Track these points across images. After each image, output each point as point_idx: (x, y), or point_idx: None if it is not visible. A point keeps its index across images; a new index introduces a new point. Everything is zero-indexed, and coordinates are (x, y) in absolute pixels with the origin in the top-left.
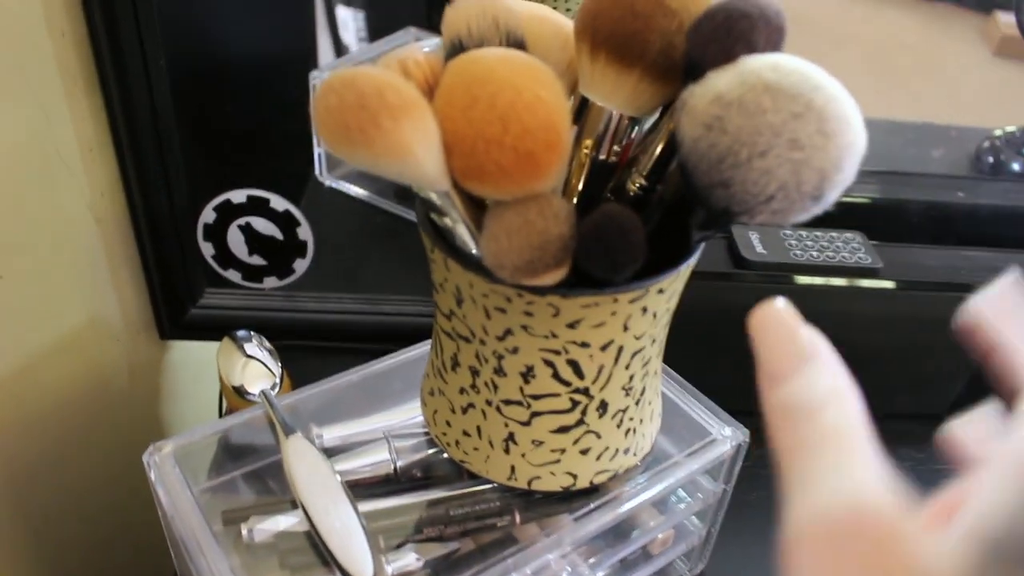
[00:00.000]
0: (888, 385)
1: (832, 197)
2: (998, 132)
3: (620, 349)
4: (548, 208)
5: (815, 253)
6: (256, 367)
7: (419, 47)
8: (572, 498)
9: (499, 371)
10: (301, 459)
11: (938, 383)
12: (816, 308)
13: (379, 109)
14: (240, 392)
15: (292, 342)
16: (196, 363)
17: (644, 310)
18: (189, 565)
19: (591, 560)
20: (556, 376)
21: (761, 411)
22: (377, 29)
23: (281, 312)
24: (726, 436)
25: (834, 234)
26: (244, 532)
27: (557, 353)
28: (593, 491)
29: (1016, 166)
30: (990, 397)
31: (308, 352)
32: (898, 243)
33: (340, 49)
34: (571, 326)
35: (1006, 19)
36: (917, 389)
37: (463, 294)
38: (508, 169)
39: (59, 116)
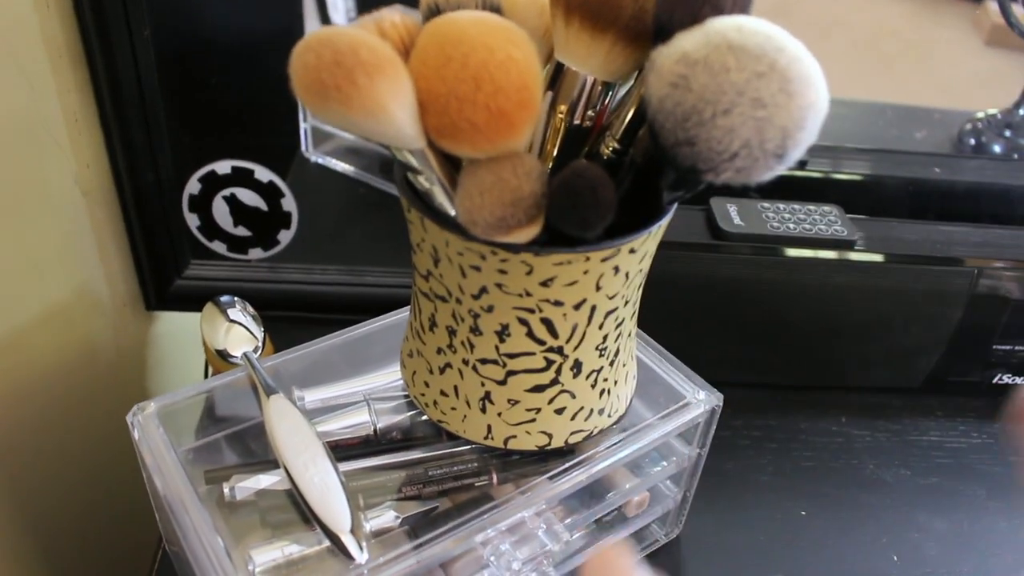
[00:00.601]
0: (865, 359)
1: (795, 155)
2: (980, 114)
3: (593, 308)
4: (521, 166)
5: (792, 225)
6: (239, 331)
7: (397, 9)
8: (548, 458)
9: (475, 330)
10: (282, 418)
11: (913, 356)
12: (793, 280)
13: (354, 66)
14: (223, 356)
15: (277, 313)
16: (182, 334)
17: (616, 270)
18: (173, 524)
19: (567, 520)
20: (530, 335)
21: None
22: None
23: (266, 283)
24: (700, 400)
25: (811, 207)
26: (226, 491)
27: (531, 311)
28: (569, 452)
29: (997, 148)
30: (963, 371)
31: (293, 323)
32: (876, 217)
33: None
34: (544, 284)
35: (997, 8)
36: (892, 362)
37: (439, 253)
38: (481, 127)
39: (44, 88)
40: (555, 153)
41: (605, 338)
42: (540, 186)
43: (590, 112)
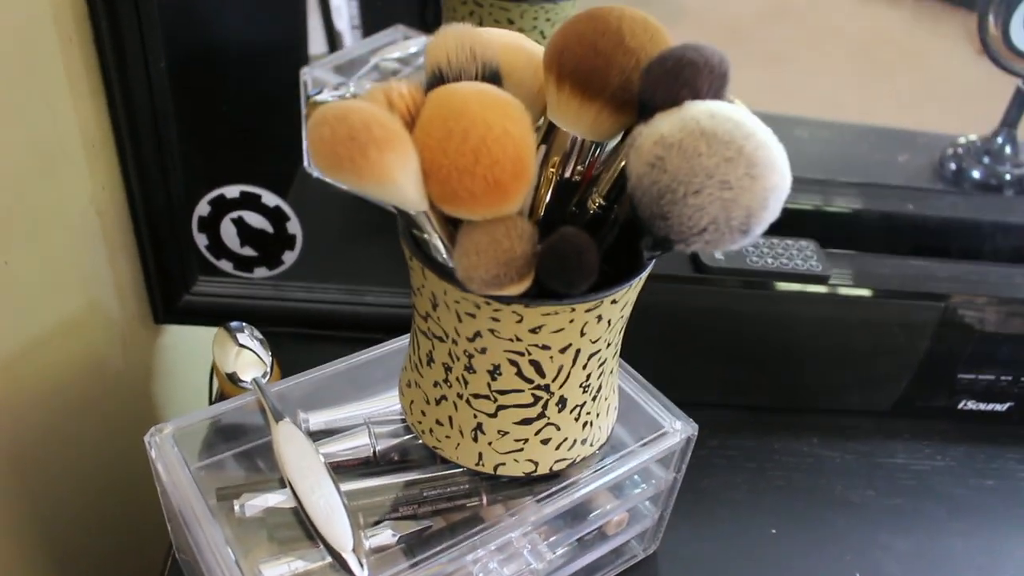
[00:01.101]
0: (837, 384)
1: (758, 231)
2: (961, 140)
3: (578, 352)
4: (514, 229)
5: (770, 259)
6: (248, 356)
7: (401, 84)
8: (535, 482)
9: (469, 368)
10: (289, 442)
11: (883, 382)
12: (771, 310)
13: (367, 141)
14: (233, 379)
15: (280, 329)
16: (188, 346)
17: (599, 318)
18: (187, 535)
19: (551, 539)
20: (520, 374)
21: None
22: (372, 20)
23: (270, 300)
24: (677, 429)
25: (789, 241)
26: (236, 507)
27: (521, 354)
28: (554, 477)
29: (976, 174)
30: (929, 396)
31: (296, 339)
32: (852, 251)
33: (332, 37)
34: (533, 331)
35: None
36: (864, 387)
37: (438, 299)
38: (478, 195)
39: (64, 114)
40: (547, 200)
41: (588, 376)
42: (531, 247)
43: (579, 167)
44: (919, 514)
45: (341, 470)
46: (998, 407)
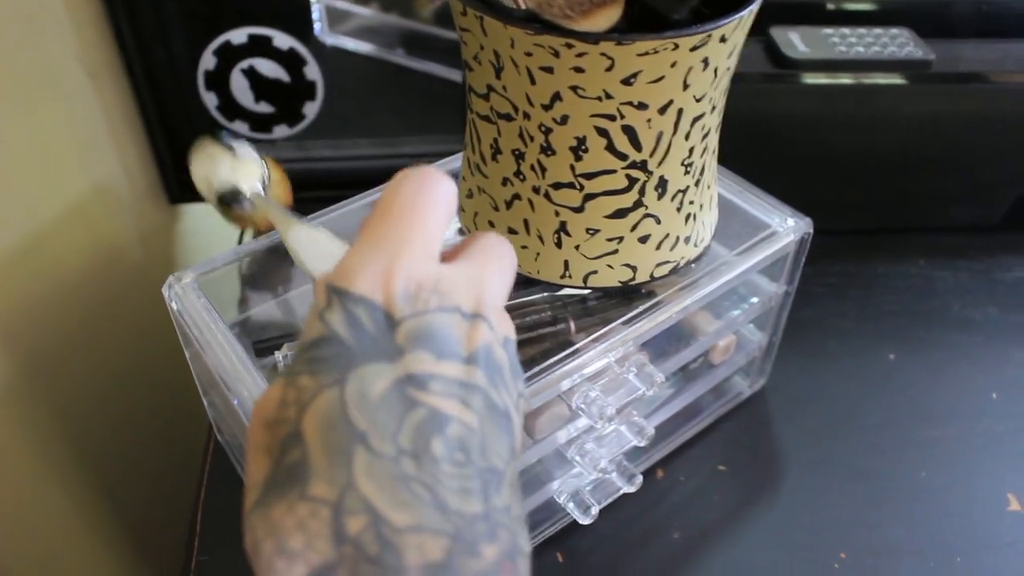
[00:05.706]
0: (940, 195)
1: None
2: None
3: (680, 112)
4: None
5: (861, 49)
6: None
7: None
8: (627, 303)
9: (547, 149)
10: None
11: (993, 190)
12: (864, 110)
13: None
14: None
15: (309, 194)
16: (210, 228)
17: (705, 63)
18: (227, 395)
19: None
20: (611, 148)
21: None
22: None
23: (294, 163)
24: (788, 227)
25: (879, 30)
26: (279, 358)
27: (611, 119)
28: (648, 295)
29: None
30: None
31: (326, 203)
32: (945, 39)
33: None
34: (626, 82)
35: None
36: (972, 198)
37: (503, 60)
38: None
39: None
40: None
41: (691, 151)
42: None
43: None
44: None
45: None
46: None
